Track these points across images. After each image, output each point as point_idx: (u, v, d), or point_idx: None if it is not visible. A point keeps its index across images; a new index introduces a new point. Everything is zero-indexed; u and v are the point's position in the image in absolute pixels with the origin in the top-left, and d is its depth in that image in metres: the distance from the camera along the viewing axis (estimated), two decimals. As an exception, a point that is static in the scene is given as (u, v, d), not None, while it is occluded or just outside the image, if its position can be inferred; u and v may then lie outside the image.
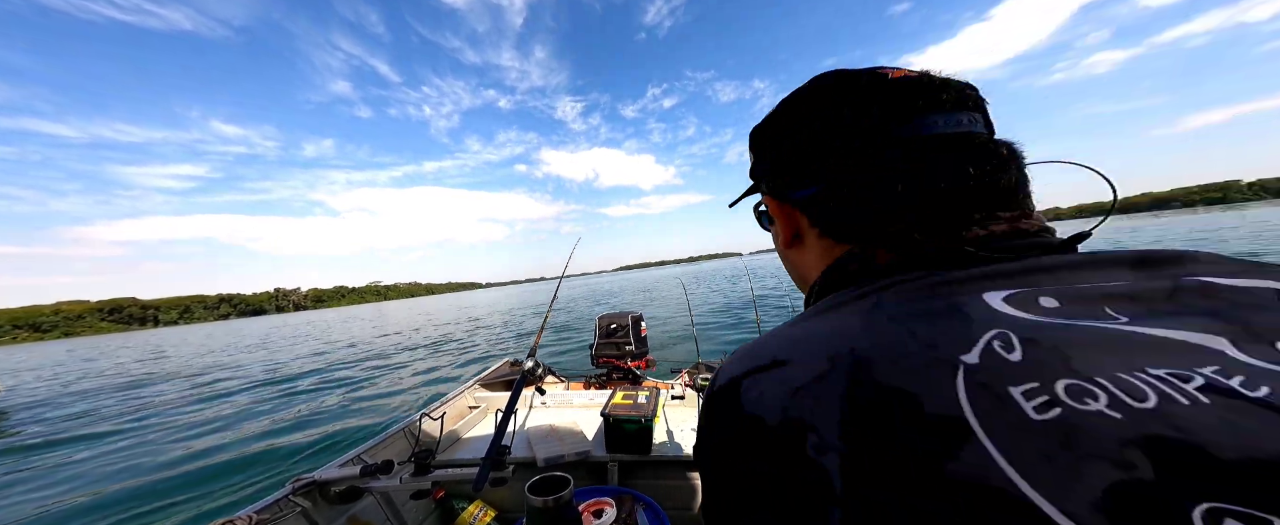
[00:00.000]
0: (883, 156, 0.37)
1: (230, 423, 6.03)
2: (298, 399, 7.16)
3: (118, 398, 9.37)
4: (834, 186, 0.40)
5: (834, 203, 0.40)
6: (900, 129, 0.37)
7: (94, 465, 4.86)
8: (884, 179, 0.37)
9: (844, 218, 0.40)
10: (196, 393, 8.83)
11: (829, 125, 0.40)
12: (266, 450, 4.63)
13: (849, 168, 0.39)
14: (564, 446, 1.74)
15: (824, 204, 0.41)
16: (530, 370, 1.53)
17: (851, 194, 0.39)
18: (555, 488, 0.91)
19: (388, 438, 1.84)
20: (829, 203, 0.41)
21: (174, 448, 5.09)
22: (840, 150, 0.39)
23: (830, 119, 0.40)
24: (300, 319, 70.29)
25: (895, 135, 0.37)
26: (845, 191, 0.39)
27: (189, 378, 11.38)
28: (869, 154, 0.37)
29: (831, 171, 0.40)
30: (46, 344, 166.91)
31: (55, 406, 9.21)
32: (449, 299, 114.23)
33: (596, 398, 2.35)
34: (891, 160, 0.36)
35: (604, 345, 2.91)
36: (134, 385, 11.11)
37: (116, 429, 6.44)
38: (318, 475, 1.42)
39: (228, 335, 39.46)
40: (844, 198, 0.39)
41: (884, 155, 0.37)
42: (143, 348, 31.35)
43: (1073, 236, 0.35)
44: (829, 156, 0.40)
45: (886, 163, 0.37)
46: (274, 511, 1.31)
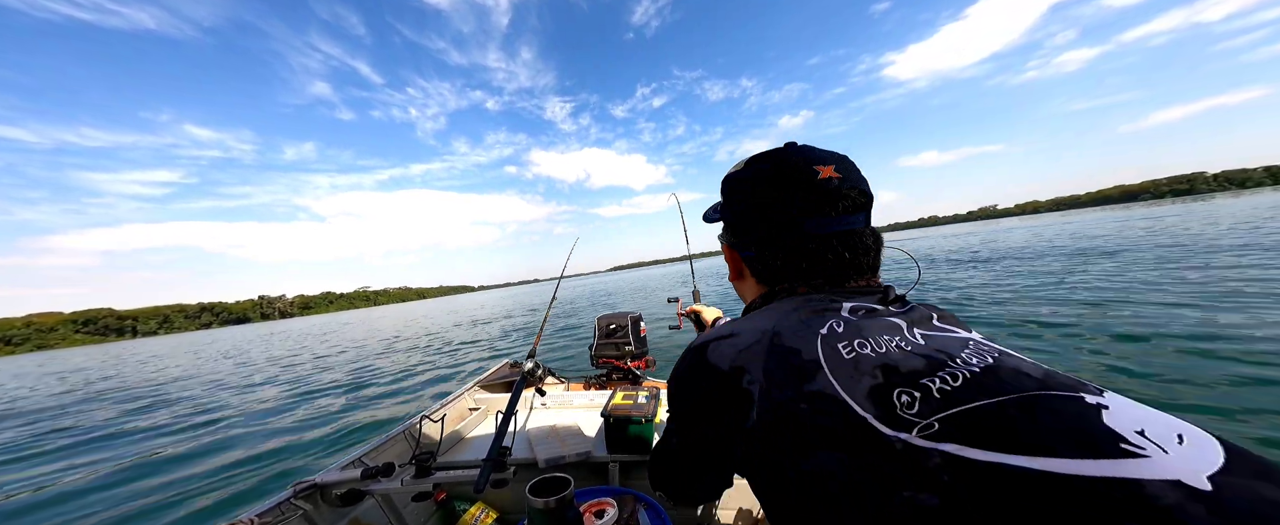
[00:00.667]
0: (797, 243, 0.60)
1: (229, 426, 6.01)
2: (298, 402, 7.14)
3: (116, 404, 9.33)
4: (764, 256, 0.65)
5: (762, 265, 0.66)
6: (812, 225, 0.59)
7: (98, 469, 4.85)
8: (796, 256, 0.61)
9: (771, 274, 0.65)
10: (194, 399, 8.79)
11: (763, 212, 0.63)
12: (267, 453, 4.62)
13: (774, 245, 0.63)
14: (565, 447, 1.75)
15: (758, 263, 0.67)
16: (530, 371, 1.53)
17: (775, 262, 0.63)
18: (556, 488, 0.92)
19: (388, 440, 1.85)
20: (760, 264, 0.66)
21: (177, 447, 5.08)
22: (768, 234, 0.63)
23: (764, 207, 0.63)
24: (296, 326, 69.90)
25: (808, 230, 0.59)
26: (771, 259, 0.64)
27: (195, 384, 11.32)
28: (786, 239, 0.61)
29: (764, 245, 0.64)
30: (18, 357, 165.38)
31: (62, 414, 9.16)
32: (441, 303, 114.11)
33: (597, 398, 2.35)
34: (802, 245, 0.60)
35: (603, 346, 2.91)
36: (128, 390, 11.06)
37: (117, 432, 6.42)
38: (319, 478, 1.42)
39: (212, 343, 39.24)
40: (770, 263, 0.64)
41: (798, 242, 0.60)
42: (130, 357, 31.14)
43: (897, 296, 0.58)
44: (762, 235, 0.64)
45: (799, 246, 0.60)
46: (276, 515, 1.31)
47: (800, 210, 0.59)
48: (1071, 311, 6.37)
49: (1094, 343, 4.89)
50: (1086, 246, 16.08)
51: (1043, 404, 0.34)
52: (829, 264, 0.59)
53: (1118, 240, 17.17)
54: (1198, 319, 5.17)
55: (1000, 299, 8.12)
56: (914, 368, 0.41)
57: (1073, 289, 8.09)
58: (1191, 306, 5.74)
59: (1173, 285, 7.23)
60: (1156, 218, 35.38)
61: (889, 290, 0.59)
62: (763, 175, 0.63)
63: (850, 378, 0.41)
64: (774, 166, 0.62)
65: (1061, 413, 0.33)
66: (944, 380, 0.39)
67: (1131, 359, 4.23)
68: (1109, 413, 0.33)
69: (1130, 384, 3.75)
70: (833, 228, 0.59)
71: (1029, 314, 6.58)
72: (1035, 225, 62.08)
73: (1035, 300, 7.54)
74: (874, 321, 0.48)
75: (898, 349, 0.44)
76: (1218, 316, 5.16)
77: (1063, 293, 7.86)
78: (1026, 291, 8.48)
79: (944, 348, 0.44)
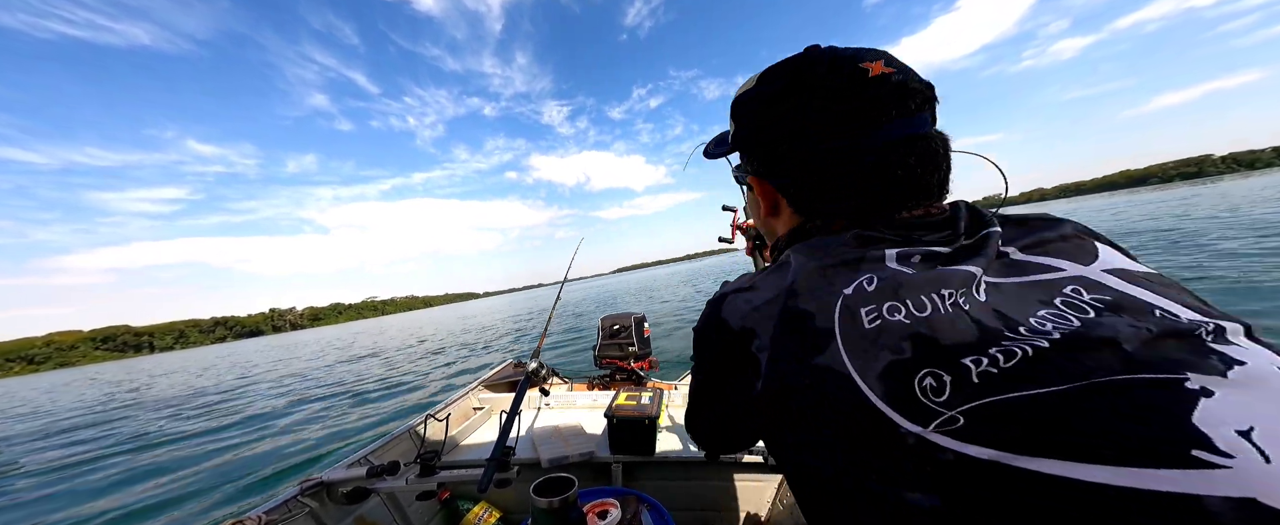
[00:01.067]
0: (849, 164, 0.47)
1: (242, 427, 6.07)
2: (306, 404, 7.20)
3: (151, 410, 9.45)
4: (805, 181, 0.52)
5: (807, 192, 0.52)
6: (867, 140, 0.46)
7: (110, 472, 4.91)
8: (845, 182, 0.48)
9: (814, 204, 0.52)
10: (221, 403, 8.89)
11: (804, 133, 0.49)
12: (274, 450, 4.66)
13: (818, 171, 0.50)
14: (568, 447, 1.75)
15: (799, 191, 0.53)
16: (534, 371, 1.53)
17: (819, 189, 0.51)
18: (560, 489, 0.92)
19: (393, 439, 1.86)
20: (802, 192, 0.53)
21: (187, 449, 5.14)
22: (812, 157, 0.50)
23: (805, 126, 0.49)
24: (309, 337, 70.73)
25: (864, 146, 0.46)
26: (815, 186, 0.51)
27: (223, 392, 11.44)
28: (834, 163, 0.48)
29: (805, 171, 0.51)
30: (41, 376, 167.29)
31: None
32: (448, 310, 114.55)
33: (600, 398, 2.36)
34: (852, 166, 0.47)
35: (607, 346, 2.91)
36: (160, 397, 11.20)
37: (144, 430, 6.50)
38: (325, 476, 1.43)
39: (233, 356, 39.61)
40: (815, 189, 0.51)
41: (849, 164, 0.47)
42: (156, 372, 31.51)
43: (976, 221, 0.46)
44: (804, 158, 0.51)
45: (850, 168, 0.47)
46: (283, 512, 1.32)
47: (855, 120, 0.46)
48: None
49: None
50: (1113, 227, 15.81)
51: (1110, 394, 0.26)
52: (894, 182, 0.46)
53: (1138, 221, 16.97)
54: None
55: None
56: (960, 340, 0.31)
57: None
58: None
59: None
60: (1170, 201, 34.70)
61: (961, 218, 0.44)
62: (796, 83, 0.49)
63: (866, 353, 0.33)
64: (808, 70, 0.49)
65: (1132, 405, 0.26)
66: (993, 359, 0.30)
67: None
68: (1210, 404, 0.25)
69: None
70: (900, 132, 0.45)
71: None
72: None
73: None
74: (925, 274, 0.37)
75: (947, 312, 0.33)
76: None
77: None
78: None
79: (1016, 307, 0.34)
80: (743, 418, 0.47)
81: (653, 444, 1.69)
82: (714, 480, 1.72)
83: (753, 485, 1.71)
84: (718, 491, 1.72)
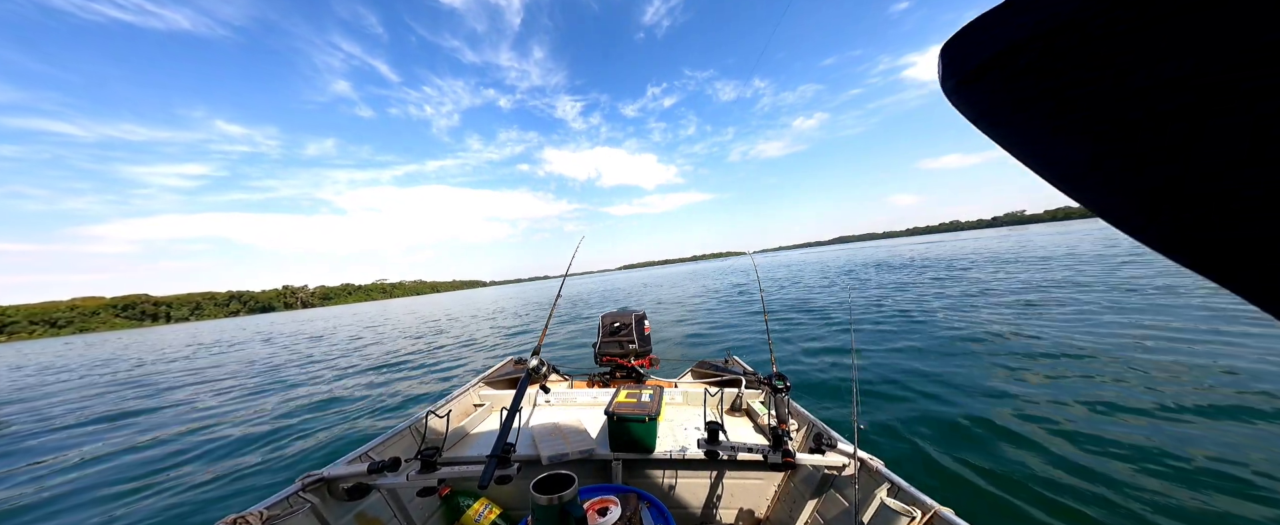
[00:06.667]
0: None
1: (241, 419, 6.10)
2: (306, 397, 7.23)
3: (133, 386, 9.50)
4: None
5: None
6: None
7: (104, 461, 4.94)
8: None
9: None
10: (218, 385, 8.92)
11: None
12: (273, 449, 4.68)
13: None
14: (568, 444, 1.75)
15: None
16: (535, 368, 1.54)
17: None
18: (560, 486, 0.92)
19: (395, 435, 1.86)
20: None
21: (186, 440, 5.16)
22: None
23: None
24: (316, 315, 70.23)
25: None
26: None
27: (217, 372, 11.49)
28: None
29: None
30: (62, 338, 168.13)
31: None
32: (454, 296, 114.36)
33: (600, 396, 2.36)
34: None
35: (608, 343, 2.91)
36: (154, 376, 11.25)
37: (133, 410, 6.54)
38: (326, 472, 1.44)
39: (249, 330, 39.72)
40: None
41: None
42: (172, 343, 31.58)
43: None
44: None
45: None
46: (284, 507, 1.33)
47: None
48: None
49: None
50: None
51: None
52: None
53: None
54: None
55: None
56: None
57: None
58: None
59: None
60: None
61: None
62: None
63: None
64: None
65: None
66: None
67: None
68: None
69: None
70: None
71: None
72: (1067, 231, 59.76)
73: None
74: None
75: None
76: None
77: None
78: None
79: None
80: None
81: (653, 442, 1.70)
82: (713, 478, 1.72)
83: (751, 483, 1.71)
84: (717, 489, 1.72)
